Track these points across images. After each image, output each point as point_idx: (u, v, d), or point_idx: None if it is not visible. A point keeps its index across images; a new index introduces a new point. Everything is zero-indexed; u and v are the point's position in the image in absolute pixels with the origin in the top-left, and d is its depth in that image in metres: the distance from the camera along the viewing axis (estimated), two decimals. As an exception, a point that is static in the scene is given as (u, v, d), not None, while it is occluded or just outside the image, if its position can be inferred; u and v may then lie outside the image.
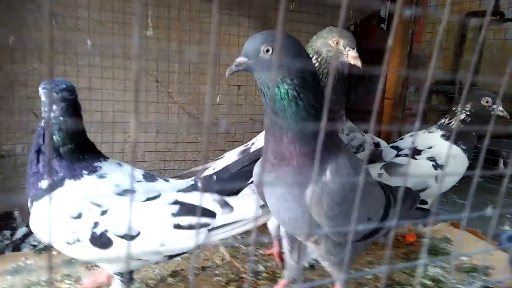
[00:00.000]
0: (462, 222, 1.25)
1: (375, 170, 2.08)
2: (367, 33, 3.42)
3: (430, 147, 2.14)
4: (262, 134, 1.94)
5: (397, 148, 2.20)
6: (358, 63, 1.55)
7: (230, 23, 2.37)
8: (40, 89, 1.34)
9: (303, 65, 1.11)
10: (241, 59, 1.13)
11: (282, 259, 1.98)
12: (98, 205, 1.30)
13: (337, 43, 1.59)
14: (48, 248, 1.92)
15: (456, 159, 2.10)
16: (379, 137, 2.70)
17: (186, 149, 2.40)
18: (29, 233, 2.06)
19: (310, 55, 1.68)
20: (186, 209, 1.35)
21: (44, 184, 1.31)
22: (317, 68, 1.67)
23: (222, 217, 1.39)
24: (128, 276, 1.43)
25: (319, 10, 2.50)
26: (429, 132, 2.22)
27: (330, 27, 1.69)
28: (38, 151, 1.33)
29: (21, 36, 1.94)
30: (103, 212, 1.29)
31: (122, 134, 2.24)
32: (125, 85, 2.21)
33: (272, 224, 1.92)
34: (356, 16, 2.71)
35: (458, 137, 2.10)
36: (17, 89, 2.00)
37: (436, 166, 2.08)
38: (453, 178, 2.11)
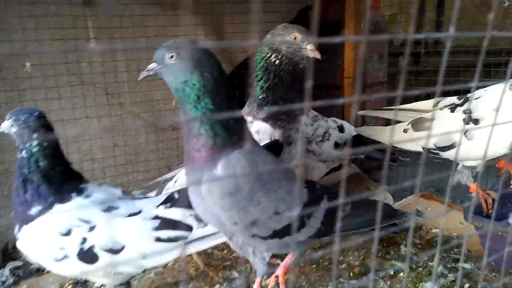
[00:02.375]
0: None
1: (403, 126, 2.08)
2: (323, 6, 3.35)
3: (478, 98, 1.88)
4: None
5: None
6: (317, 55, 1.62)
7: (177, 23, 2.28)
8: (10, 121, 1.36)
9: (206, 68, 1.21)
10: (151, 65, 1.26)
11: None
12: (87, 222, 1.39)
13: (295, 38, 1.65)
14: (17, 282, 1.89)
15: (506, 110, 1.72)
16: (343, 119, 2.69)
17: (148, 158, 2.35)
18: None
19: (268, 54, 1.69)
20: (166, 223, 1.47)
21: (33, 211, 1.37)
22: (278, 65, 1.70)
23: (198, 230, 1.50)
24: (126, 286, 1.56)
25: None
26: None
27: (284, 24, 1.72)
28: (24, 181, 1.38)
29: None
30: (91, 228, 1.39)
31: (78, 153, 2.17)
32: (73, 103, 2.13)
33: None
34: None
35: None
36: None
37: (468, 120, 1.85)
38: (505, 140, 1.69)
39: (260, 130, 1.78)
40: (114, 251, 1.40)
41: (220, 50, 2.44)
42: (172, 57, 1.21)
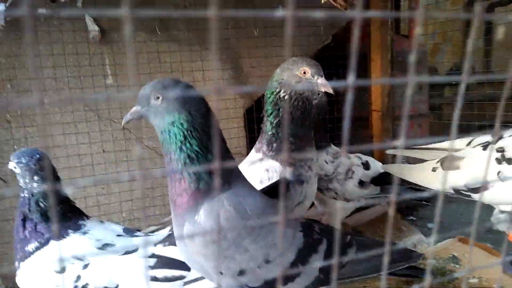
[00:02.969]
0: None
1: (431, 165, 1.96)
2: (348, 38, 3.24)
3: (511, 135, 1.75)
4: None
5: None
6: (329, 89, 1.55)
7: (192, 59, 2.28)
8: (13, 162, 1.43)
9: (193, 107, 1.16)
10: (135, 108, 1.20)
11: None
12: (80, 259, 1.39)
13: (304, 72, 1.56)
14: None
15: None
16: (372, 155, 2.54)
17: (165, 192, 2.32)
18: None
19: (277, 89, 1.63)
20: (163, 261, 1.42)
21: (31, 247, 1.41)
22: (287, 100, 1.63)
23: None
24: None
25: (285, 32, 2.37)
26: None
27: (293, 58, 1.64)
28: (24, 219, 1.43)
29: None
30: (85, 266, 1.38)
31: (94, 187, 2.19)
32: (90, 138, 2.16)
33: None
34: (328, 31, 2.57)
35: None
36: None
37: (501, 160, 1.71)
38: None
39: (270, 168, 1.70)
40: None
41: (238, 83, 2.42)
42: (158, 98, 1.16)
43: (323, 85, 1.55)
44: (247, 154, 2.48)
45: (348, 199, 2.30)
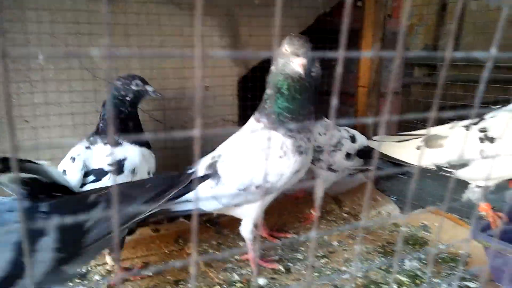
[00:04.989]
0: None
1: (416, 143, 2.12)
2: (342, 14, 3.28)
3: (493, 117, 1.91)
4: (228, 142, 1.89)
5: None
6: (301, 71, 1.57)
7: (192, 24, 2.26)
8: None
9: None
10: None
11: (258, 265, 1.97)
12: None
13: (286, 50, 1.61)
14: None
15: None
16: (355, 128, 2.65)
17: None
18: None
19: (272, 65, 1.67)
20: None
21: None
22: (273, 76, 1.68)
23: None
24: None
25: (287, 1, 2.38)
26: None
27: (290, 35, 1.66)
28: None
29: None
30: None
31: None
32: (84, 97, 2.12)
33: (246, 229, 1.90)
34: (327, 3, 2.59)
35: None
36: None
37: (484, 139, 1.85)
38: None
39: (272, 138, 1.76)
40: None
41: (236, 50, 2.42)
42: None
43: (297, 64, 1.58)
44: (238, 121, 2.53)
45: (335, 169, 2.42)
